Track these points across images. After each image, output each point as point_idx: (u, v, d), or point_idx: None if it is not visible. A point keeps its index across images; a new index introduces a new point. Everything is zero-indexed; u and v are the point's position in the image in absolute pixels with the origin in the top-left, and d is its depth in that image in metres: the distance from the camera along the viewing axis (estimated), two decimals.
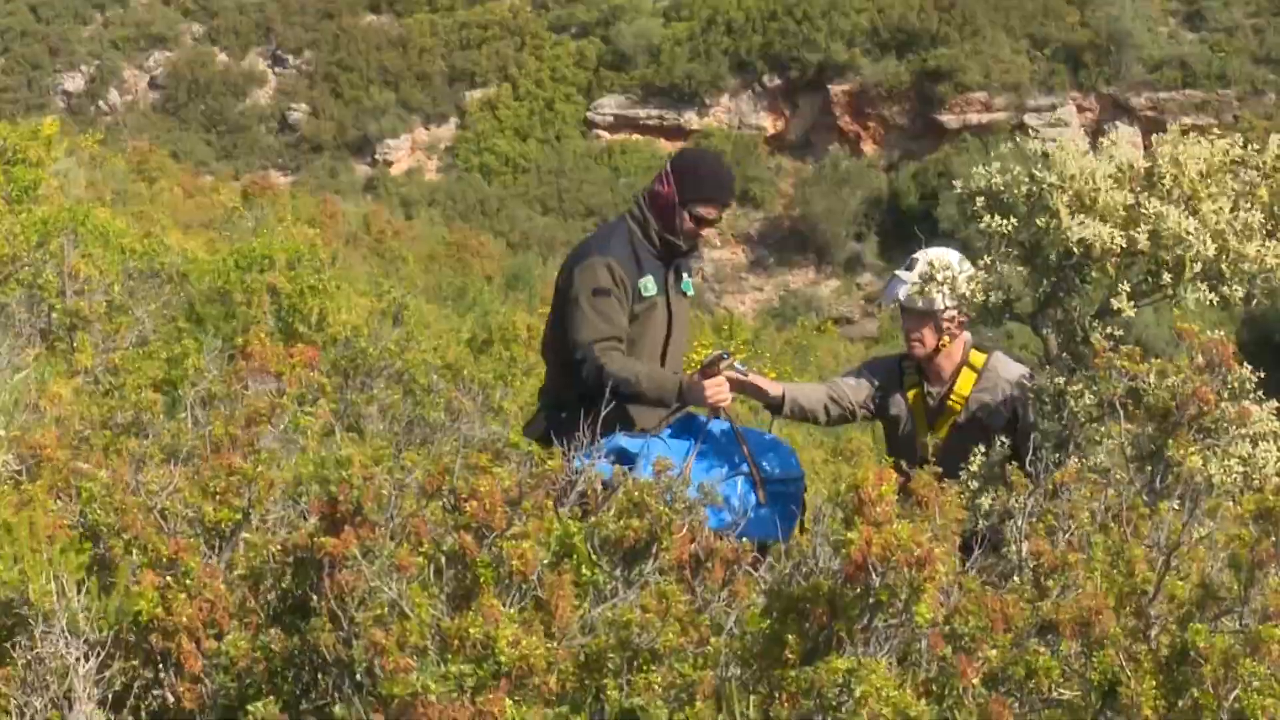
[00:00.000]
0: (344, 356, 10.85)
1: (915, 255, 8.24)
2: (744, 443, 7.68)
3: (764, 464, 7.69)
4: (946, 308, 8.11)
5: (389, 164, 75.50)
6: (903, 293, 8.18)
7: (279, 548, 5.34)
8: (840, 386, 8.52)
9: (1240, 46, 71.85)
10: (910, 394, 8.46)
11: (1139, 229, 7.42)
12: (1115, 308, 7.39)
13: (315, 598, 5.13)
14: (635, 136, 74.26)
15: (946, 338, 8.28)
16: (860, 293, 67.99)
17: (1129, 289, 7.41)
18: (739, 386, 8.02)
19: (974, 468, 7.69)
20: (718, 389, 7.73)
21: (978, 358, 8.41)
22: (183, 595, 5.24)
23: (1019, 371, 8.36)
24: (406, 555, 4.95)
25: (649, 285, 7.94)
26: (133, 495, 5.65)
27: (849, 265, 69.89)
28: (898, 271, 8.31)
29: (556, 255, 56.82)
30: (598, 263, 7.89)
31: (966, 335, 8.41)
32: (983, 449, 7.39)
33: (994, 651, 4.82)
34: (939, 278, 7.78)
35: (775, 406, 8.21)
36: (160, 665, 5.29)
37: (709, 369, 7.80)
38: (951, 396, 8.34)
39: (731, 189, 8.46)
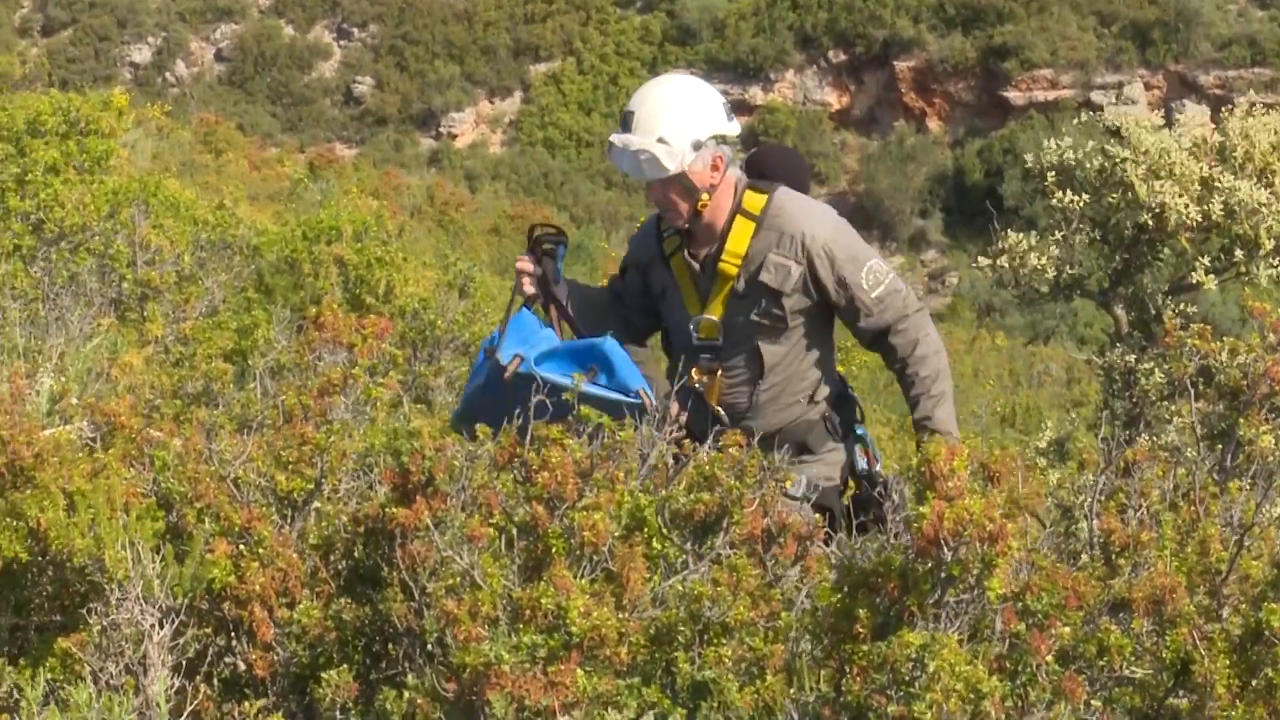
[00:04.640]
0: (411, 328, 10.89)
1: (630, 108, 6.41)
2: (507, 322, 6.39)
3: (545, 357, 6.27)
4: (693, 161, 6.27)
5: (453, 137, 75.68)
6: (643, 165, 6.29)
7: (350, 518, 5.36)
8: (621, 298, 6.81)
9: None
10: (673, 261, 6.52)
11: (1213, 202, 7.42)
12: (1194, 280, 7.39)
13: (387, 568, 5.14)
14: None
15: (705, 195, 6.31)
16: (925, 269, 67.79)
17: (1206, 263, 7.41)
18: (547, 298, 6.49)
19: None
20: (522, 265, 6.53)
21: (754, 200, 6.35)
22: (255, 564, 5.27)
23: (815, 210, 6.47)
24: (478, 526, 4.96)
25: None
26: (205, 464, 5.68)
27: (913, 242, 69.72)
28: (613, 137, 6.42)
29: (619, 229, 56.90)
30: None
31: (736, 174, 6.43)
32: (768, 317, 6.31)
33: (1066, 629, 4.81)
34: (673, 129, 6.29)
35: None
36: (233, 633, 5.32)
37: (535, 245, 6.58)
38: (723, 257, 6.35)
39: (807, 182, 6.93)
